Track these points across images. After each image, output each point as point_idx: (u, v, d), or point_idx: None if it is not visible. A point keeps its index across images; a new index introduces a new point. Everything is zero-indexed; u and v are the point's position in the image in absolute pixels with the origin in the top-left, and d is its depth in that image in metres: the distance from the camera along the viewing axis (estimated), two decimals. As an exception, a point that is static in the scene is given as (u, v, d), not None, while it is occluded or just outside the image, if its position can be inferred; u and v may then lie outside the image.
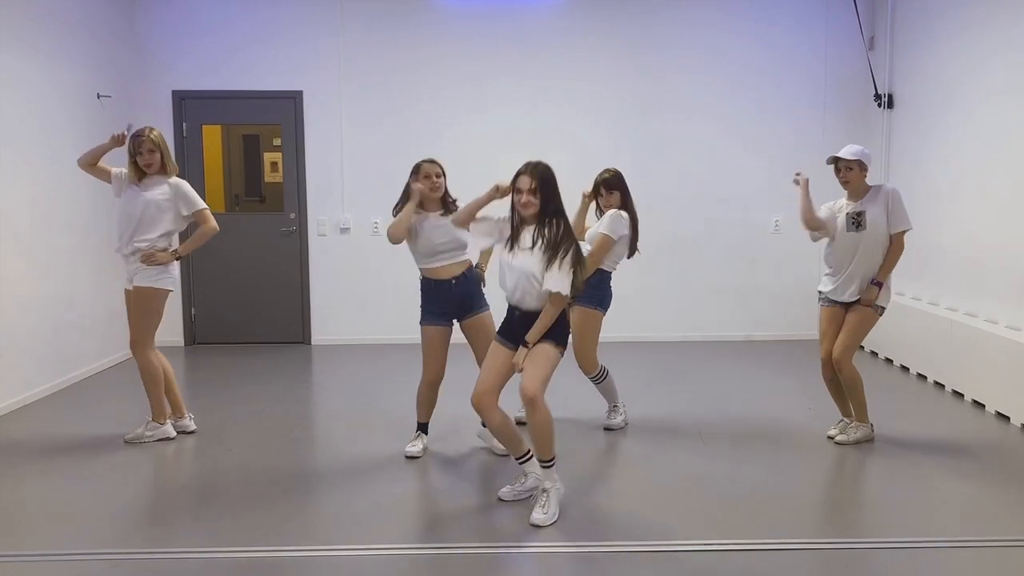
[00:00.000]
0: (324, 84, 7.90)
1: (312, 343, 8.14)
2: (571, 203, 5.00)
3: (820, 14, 7.90)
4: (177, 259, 5.01)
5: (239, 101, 7.98)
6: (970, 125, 6.19)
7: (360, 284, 8.04)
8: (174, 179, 5.00)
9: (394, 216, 4.58)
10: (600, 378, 5.14)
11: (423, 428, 4.85)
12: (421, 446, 4.77)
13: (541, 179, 3.81)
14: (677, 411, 5.47)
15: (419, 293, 4.67)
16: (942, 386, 6.16)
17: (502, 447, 4.60)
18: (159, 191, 4.94)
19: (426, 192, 4.55)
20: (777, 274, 8.03)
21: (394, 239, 4.53)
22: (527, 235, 3.84)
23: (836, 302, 4.91)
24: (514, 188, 3.85)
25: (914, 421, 5.38)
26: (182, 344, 8.07)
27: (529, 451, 3.97)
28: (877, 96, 7.55)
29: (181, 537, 3.77)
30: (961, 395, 5.89)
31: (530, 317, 3.84)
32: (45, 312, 6.21)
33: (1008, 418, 5.32)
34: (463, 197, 7.62)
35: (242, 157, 9.10)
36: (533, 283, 3.80)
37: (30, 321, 6.03)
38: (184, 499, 4.28)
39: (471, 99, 7.93)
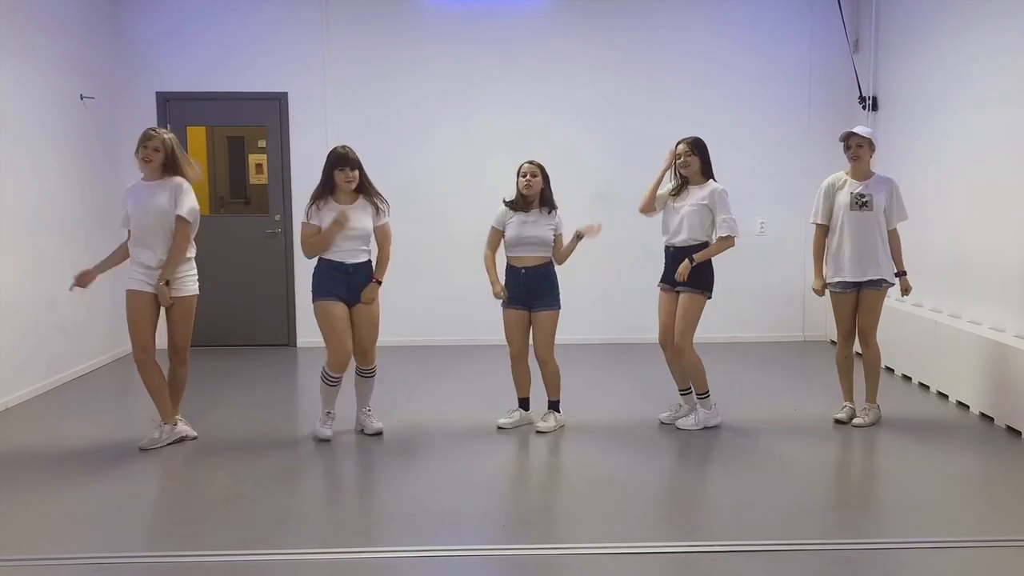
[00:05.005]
0: (309, 85, 7.86)
1: (298, 345, 8.10)
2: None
3: (805, 17, 7.93)
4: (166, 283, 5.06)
5: (224, 103, 7.94)
6: (954, 127, 6.22)
7: (346, 286, 7.98)
8: (177, 179, 4.84)
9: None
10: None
11: (524, 404, 5.34)
12: (518, 417, 5.30)
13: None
14: (662, 413, 5.46)
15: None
16: (927, 387, 6.18)
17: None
18: (163, 195, 4.81)
19: (522, 190, 5.13)
20: (762, 275, 8.04)
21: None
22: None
23: (854, 284, 5.09)
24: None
25: (898, 422, 5.40)
26: (165, 346, 8.00)
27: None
28: (862, 98, 7.59)
29: (164, 541, 3.74)
30: (945, 396, 5.92)
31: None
32: (27, 315, 6.15)
33: (992, 419, 5.35)
34: (445, 197, 7.64)
35: (227, 159, 9.06)
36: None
37: (11, 324, 5.96)
38: (167, 502, 4.25)
39: (457, 101, 7.91)
